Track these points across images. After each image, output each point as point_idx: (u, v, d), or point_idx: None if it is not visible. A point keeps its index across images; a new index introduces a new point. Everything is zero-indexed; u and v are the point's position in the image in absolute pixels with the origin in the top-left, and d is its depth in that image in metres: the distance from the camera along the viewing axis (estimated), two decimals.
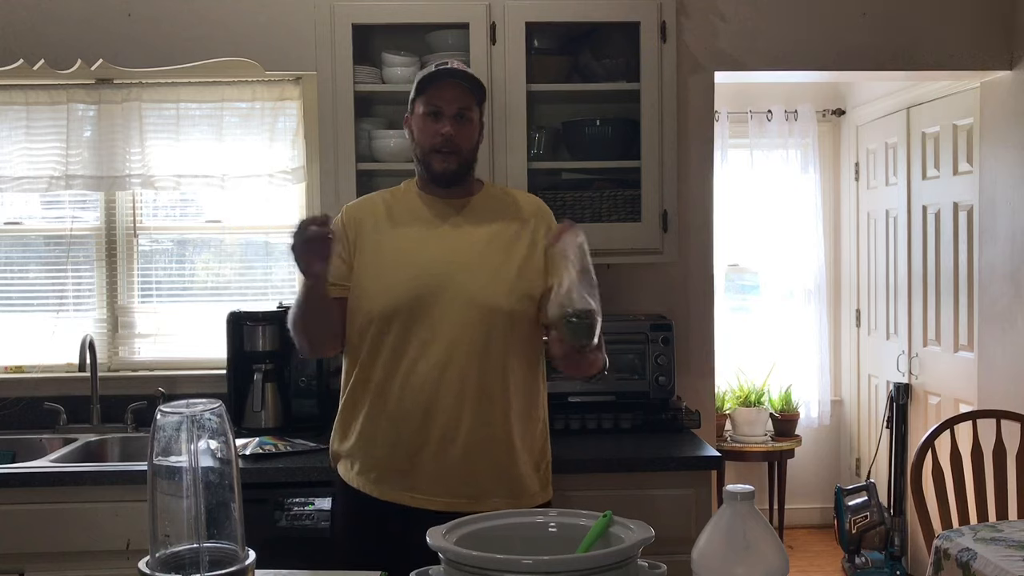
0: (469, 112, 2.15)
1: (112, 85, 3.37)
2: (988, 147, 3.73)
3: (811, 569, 4.71)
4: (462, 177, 2.20)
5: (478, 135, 2.21)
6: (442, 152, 2.13)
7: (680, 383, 3.20)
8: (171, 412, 1.38)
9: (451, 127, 2.12)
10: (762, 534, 1.27)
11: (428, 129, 2.15)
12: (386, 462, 2.11)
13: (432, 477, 2.08)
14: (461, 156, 2.15)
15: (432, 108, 2.14)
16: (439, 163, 2.15)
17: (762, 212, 5.18)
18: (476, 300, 2.08)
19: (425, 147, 2.16)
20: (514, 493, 2.11)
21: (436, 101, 2.14)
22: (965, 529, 2.69)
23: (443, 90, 2.14)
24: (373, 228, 2.19)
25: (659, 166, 3.04)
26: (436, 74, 2.15)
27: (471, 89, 2.15)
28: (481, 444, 2.09)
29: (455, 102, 2.13)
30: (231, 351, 3.15)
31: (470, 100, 2.15)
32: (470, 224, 2.18)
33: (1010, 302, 3.59)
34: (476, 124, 2.19)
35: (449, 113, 2.13)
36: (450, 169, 2.15)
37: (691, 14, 3.30)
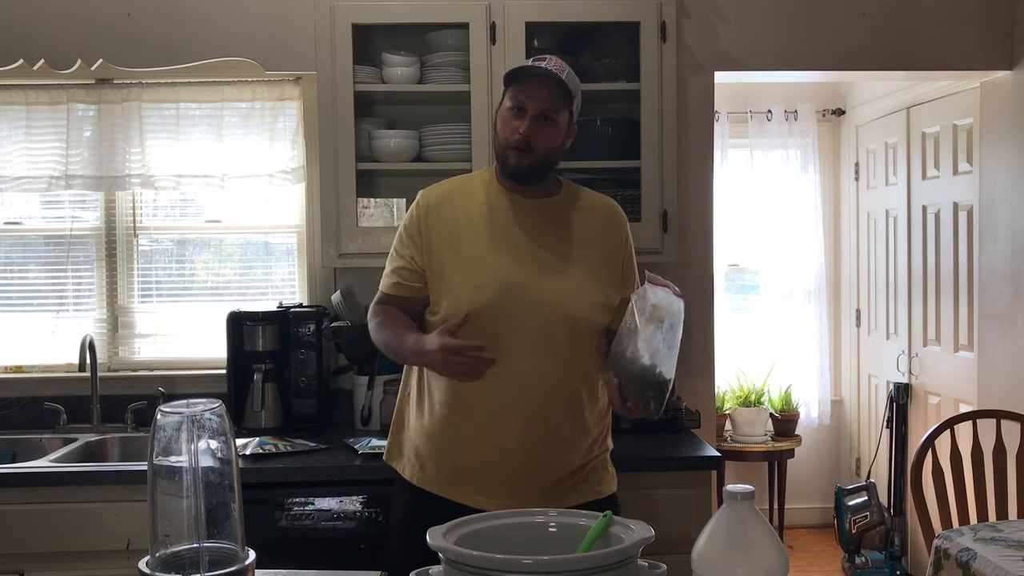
0: (554, 114, 2.09)
1: (112, 85, 3.37)
2: (988, 147, 3.73)
3: (811, 569, 4.71)
4: (537, 177, 2.15)
5: (564, 139, 2.14)
6: (518, 149, 2.09)
7: (680, 383, 3.20)
8: (171, 412, 1.38)
9: (531, 126, 2.08)
10: (762, 534, 1.27)
11: (509, 124, 2.10)
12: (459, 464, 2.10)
13: (504, 480, 2.07)
14: (537, 156, 2.10)
15: (517, 103, 2.09)
16: (513, 158, 2.10)
17: (762, 212, 5.18)
18: (558, 306, 2.06)
19: (502, 142, 2.12)
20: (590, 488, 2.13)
21: (521, 97, 2.09)
22: (965, 529, 2.69)
23: (531, 87, 2.09)
24: (453, 224, 2.14)
25: (659, 166, 3.04)
26: (526, 69, 2.11)
27: (560, 91, 2.09)
28: (556, 446, 2.08)
29: (541, 102, 2.08)
30: (231, 351, 3.15)
31: (557, 102, 2.09)
32: (554, 226, 2.15)
33: (1010, 302, 3.59)
34: (561, 127, 2.12)
35: (533, 112, 2.08)
36: (522, 166, 2.10)
37: (691, 14, 3.30)
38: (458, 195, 2.19)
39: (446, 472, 2.12)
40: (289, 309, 3.19)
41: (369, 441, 2.85)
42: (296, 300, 3.41)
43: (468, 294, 2.07)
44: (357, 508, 2.63)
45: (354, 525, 2.63)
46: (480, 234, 2.13)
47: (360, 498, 2.63)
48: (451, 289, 2.10)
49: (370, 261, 3.03)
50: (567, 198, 2.22)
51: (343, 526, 2.63)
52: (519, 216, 2.15)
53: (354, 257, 3.03)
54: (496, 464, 2.07)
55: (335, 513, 2.63)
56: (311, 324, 3.13)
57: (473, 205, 2.16)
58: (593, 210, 2.21)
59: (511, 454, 2.06)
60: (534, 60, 2.14)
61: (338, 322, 3.16)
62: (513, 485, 2.06)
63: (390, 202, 3.23)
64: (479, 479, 2.08)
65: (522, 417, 2.06)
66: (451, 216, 2.15)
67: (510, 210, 2.15)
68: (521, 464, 2.07)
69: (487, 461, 2.08)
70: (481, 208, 2.16)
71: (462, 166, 3.03)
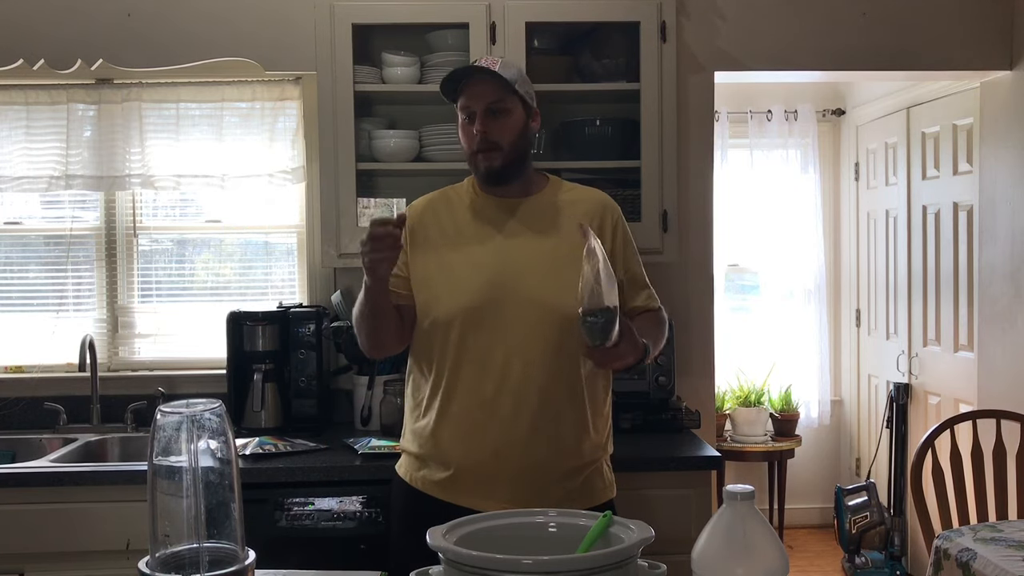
0: (502, 104, 2.09)
1: (112, 85, 3.37)
2: (988, 147, 3.73)
3: (811, 569, 4.71)
4: (513, 173, 2.13)
5: (526, 125, 2.14)
6: (482, 151, 2.09)
7: (680, 383, 3.20)
8: (171, 412, 1.38)
9: (483, 123, 2.08)
10: (762, 534, 1.27)
11: (466, 133, 2.12)
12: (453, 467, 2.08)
13: (500, 482, 2.05)
14: (502, 151, 2.10)
15: (465, 112, 2.11)
16: (482, 163, 2.10)
17: (762, 212, 5.18)
18: (544, 304, 2.05)
19: (467, 152, 2.13)
20: (584, 494, 2.10)
21: (466, 103, 2.11)
22: (965, 529, 2.69)
23: (469, 90, 2.10)
24: (437, 230, 2.15)
25: (659, 166, 3.04)
26: (454, 76, 2.12)
27: (497, 81, 2.08)
28: (552, 447, 2.07)
29: (483, 98, 2.08)
30: (231, 351, 3.15)
31: (499, 93, 2.09)
32: (535, 225, 2.14)
33: (1010, 302, 3.59)
34: (515, 115, 2.11)
35: (480, 109, 2.09)
36: (494, 167, 2.10)
37: (691, 14, 3.30)
38: (442, 203, 2.21)
39: (441, 474, 2.11)
40: (289, 309, 3.20)
41: (369, 441, 2.85)
42: (296, 300, 3.41)
43: (455, 297, 2.07)
44: (357, 508, 2.63)
45: (354, 525, 2.63)
46: (464, 237, 2.13)
47: (360, 498, 2.63)
48: (439, 294, 2.09)
49: None
50: (551, 193, 2.21)
51: (343, 526, 2.63)
52: (503, 216, 2.15)
53: (354, 257, 3.00)
54: (490, 466, 2.06)
55: (335, 513, 2.63)
56: (311, 324, 3.13)
57: (457, 210, 2.17)
58: (577, 203, 2.19)
59: (504, 455, 2.05)
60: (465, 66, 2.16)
61: (338, 322, 3.16)
62: (508, 487, 2.05)
63: (390, 202, 3.24)
64: (474, 481, 2.07)
65: (515, 417, 2.05)
66: (435, 223, 2.16)
67: (494, 211, 2.15)
68: (516, 466, 2.05)
69: (481, 462, 2.07)
70: (465, 212, 2.16)
71: (462, 166, 2.99)
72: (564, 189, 2.24)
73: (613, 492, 2.20)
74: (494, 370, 2.04)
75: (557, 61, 3.14)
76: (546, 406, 2.06)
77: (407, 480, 2.17)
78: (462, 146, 2.16)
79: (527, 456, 2.06)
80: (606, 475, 2.19)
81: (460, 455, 2.08)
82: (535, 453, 2.06)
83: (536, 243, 2.12)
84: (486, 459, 2.06)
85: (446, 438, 2.09)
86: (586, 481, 2.13)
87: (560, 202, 2.19)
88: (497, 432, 2.06)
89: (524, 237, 2.13)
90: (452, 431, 2.09)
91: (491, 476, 2.06)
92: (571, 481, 2.10)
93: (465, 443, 2.08)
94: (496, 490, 2.05)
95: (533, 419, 2.05)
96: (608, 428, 2.22)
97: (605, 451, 2.20)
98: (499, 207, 2.16)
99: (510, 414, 2.05)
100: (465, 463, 2.08)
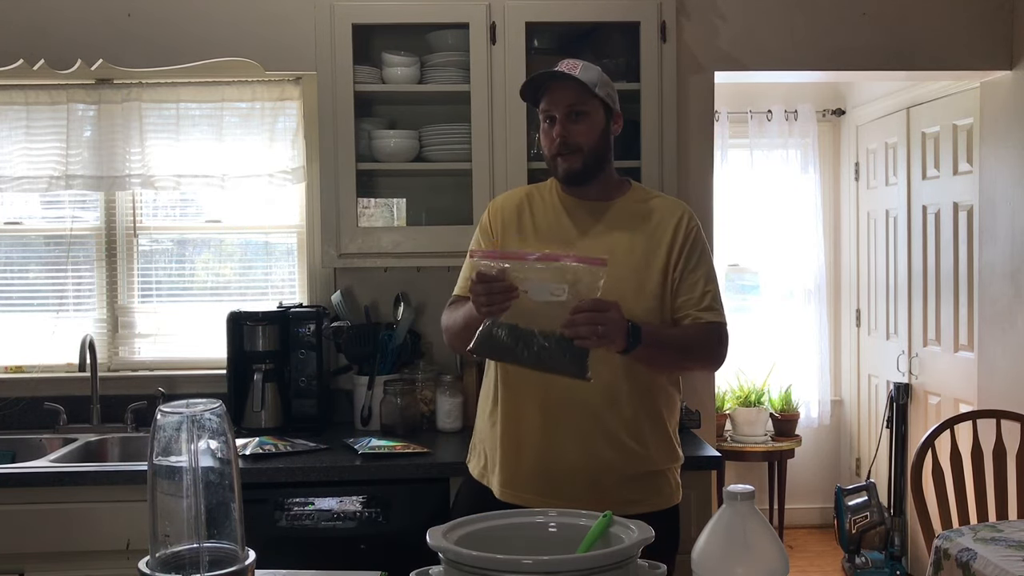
0: (583, 107, 2.11)
1: (112, 85, 3.37)
2: (988, 147, 3.73)
3: (811, 569, 4.71)
4: (592, 174, 2.15)
5: (607, 128, 2.16)
6: (562, 155, 2.12)
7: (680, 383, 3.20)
8: (171, 412, 1.38)
9: (563, 127, 2.10)
10: (762, 534, 1.27)
11: (547, 136, 2.14)
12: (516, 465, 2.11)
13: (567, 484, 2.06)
14: (584, 153, 2.12)
15: (546, 116, 2.13)
16: (562, 164, 2.13)
17: (762, 212, 5.17)
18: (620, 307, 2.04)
19: (548, 155, 2.16)
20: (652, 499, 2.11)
21: (547, 108, 2.13)
22: (965, 529, 2.69)
23: (550, 95, 2.13)
24: (517, 229, 2.18)
25: (659, 166, 3.04)
26: (536, 80, 2.14)
27: (577, 86, 2.10)
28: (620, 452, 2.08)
29: (562, 102, 2.10)
30: (231, 351, 3.15)
31: (581, 95, 2.10)
32: (612, 230, 2.15)
33: (1010, 302, 3.59)
34: (595, 118, 2.13)
35: (560, 114, 2.11)
36: (574, 169, 2.12)
37: (691, 14, 3.30)
38: (525, 200, 2.24)
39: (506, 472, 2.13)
40: (289, 309, 3.19)
41: (369, 441, 2.85)
42: (296, 300, 3.41)
43: None
44: (357, 508, 2.63)
45: (354, 525, 2.63)
46: (546, 237, 2.15)
47: (360, 498, 2.63)
48: None
49: (370, 261, 3.04)
50: (631, 199, 2.22)
51: (343, 526, 2.63)
52: (585, 217, 2.17)
53: (354, 257, 3.03)
54: (551, 466, 2.07)
55: (335, 513, 2.63)
56: (311, 324, 3.13)
57: (540, 210, 2.20)
58: (653, 210, 2.20)
59: (565, 455, 2.06)
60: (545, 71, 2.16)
61: (338, 322, 3.16)
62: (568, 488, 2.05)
63: (390, 202, 3.24)
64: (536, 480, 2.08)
65: (576, 417, 2.06)
66: (517, 219, 2.19)
67: (576, 212, 2.18)
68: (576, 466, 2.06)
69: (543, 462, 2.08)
70: (548, 212, 2.19)
71: (462, 166, 3.04)
72: (642, 195, 2.25)
73: (679, 497, 2.20)
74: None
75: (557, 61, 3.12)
76: (616, 410, 2.07)
77: (476, 477, 2.20)
78: (542, 149, 2.19)
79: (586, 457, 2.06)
80: (673, 481, 2.19)
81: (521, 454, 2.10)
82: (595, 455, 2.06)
83: (606, 246, 2.11)
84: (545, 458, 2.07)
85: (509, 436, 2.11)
86: (652, 486, 2.13)
87: (636, 208, 2.20)
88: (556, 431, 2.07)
89: (604, 240, 2.14)
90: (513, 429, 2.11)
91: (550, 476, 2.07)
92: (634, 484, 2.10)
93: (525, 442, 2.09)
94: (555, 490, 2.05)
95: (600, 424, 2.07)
96: (676, 435, 2.21)
97: (674, 458, 2.20)
98: (581, 209, 2.18)
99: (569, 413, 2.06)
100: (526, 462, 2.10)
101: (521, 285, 1.84)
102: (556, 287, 1.84)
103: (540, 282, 1.85)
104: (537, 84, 2.15)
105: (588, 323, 1.85)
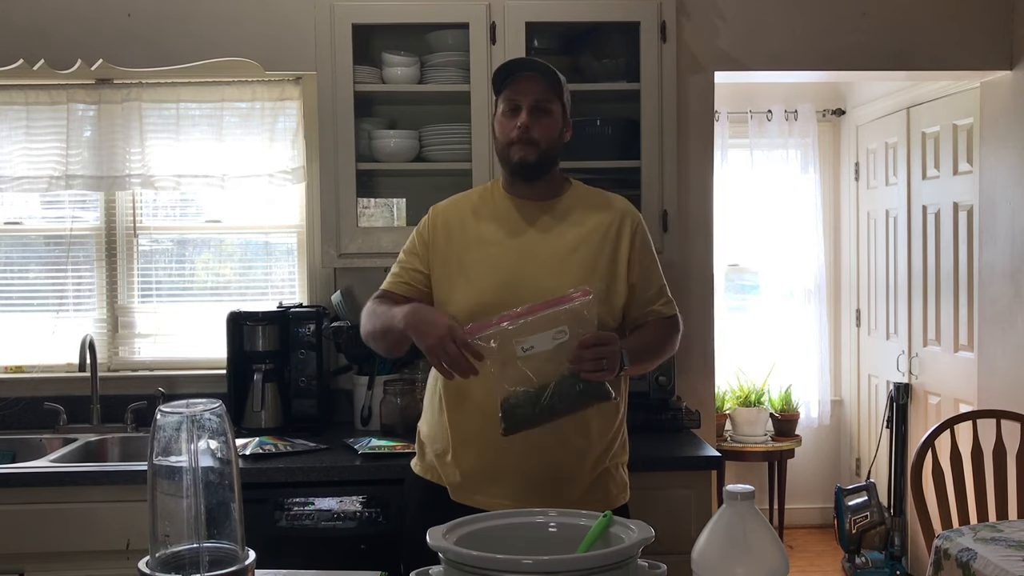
0: (548, 104, 2.11)
1: (112, 85, 3.37)
2: (988, 147, 3.73)
3: (811, 569, 4.71)
4: (543, 171, 2.15)
5: (561, 131, 2.16)
6: (519, 143, 2.10)
7: (680, 383, 3.20)
8: (171, 412, 1.38)
9: (528, 118, 2.09)
10: (762, 534, 1.27)
11: (507, 124, 2.12)
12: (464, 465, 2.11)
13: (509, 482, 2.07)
14: (540, 149, 2.11)
15: (511, 104, 2.12)
16: (517, 154, 2.11)
17: (762, 212, 5.18)
18: None
19: (502, 141, 2.13)
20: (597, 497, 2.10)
21: (514, 96, 2.11)
22: (965, 529, 2.69)
23: (520, 84, 2.11)
24: (460, 230, 2.17)
25: (659, 166, 3.04)
26: (512, 66, 2.13)
27: (550, 81, 2.11)
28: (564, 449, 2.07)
29: (533, 94, 2.10)
30: (231, 351, 3.15)
31: (549, 93, 2.11)
32: (555, 228, 2.15)
33: (1010, 302, 3.59)
34: (556, 118, 2.13)
35: (527, 104, 2.10)
36: (529, 159, 2.11)
37: (691, 14, 3.30)
38: (466, 204, 2.23)
39: (452, 471, 2.13)
40: (289, 309, 3.20)
41: (369, 441, 2.85)
42: (296, 300, 3.41)
43: (469, 295, 2.09)
44: (357, 508, 2.63)
45: (354, 525, 2.63)
46: (485, 238, 2.15)
47: (360, 498, 2.63)
48: (454, 292, 2.12)
49: (370, 261, 3.04)
50: (574, 197, 2.22)
51: (343, 526, 2.63)
52: (525, 218, 2.16)
53: (354, 257, 3.03)
54: (500, 465, 2.07)
55: (335, 513, 2.63)
56: (311, 324, 3.13)
57: (480, 212, 2.19)
58: (599, 208, 2.20)
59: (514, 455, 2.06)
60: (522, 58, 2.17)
61: (338, 322, 3.16)
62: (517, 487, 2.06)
63: (390, 202, 3.24)
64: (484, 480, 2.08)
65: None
66: (458, 224, 2.18)
67: (515, 212, 2.17)
68: (525, 466, 2.06)
69: (493, 462, 2.08)
70: (487, 214, 2.18)
71: (462, 166, 3.04)
72: (586, 194, 2.25)
73: (627, 497, 2.21)
74: None
75: (557, 61, 3.10)
76: None
77: (422, 475, 2.20)
78: (496, 138, 2.17)
79: (537, 456, 2.06)
80: (620, 479, 2.20)
81: (471, 453, 2.10)
82: (545, 453, 2.06)
83: (554, 246, 2.13)
84: (497, 458, 2.07)
85: (458, 436, 2.11)
86: (598, 484, 2.13)
87: (581, 207, 2.20)
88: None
89: (543, 239, 2.14)
90: (463, 429, 2.10)
91: (501, 475, 2.07)
92: (582, 483, 2.11)
93: (476, 442, 2.09)
94: (505, 490, 2.06)
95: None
96: (623, 432, 2.22)
97: (620, 455, 2.20)
98: (521, 209, 2.17)
99: None
100: (475, 462, 2.10)
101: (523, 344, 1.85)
102: (557, 331, 1.86)
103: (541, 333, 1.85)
104: (512, 70, 2.13)
105: (594, 358, 1.87)
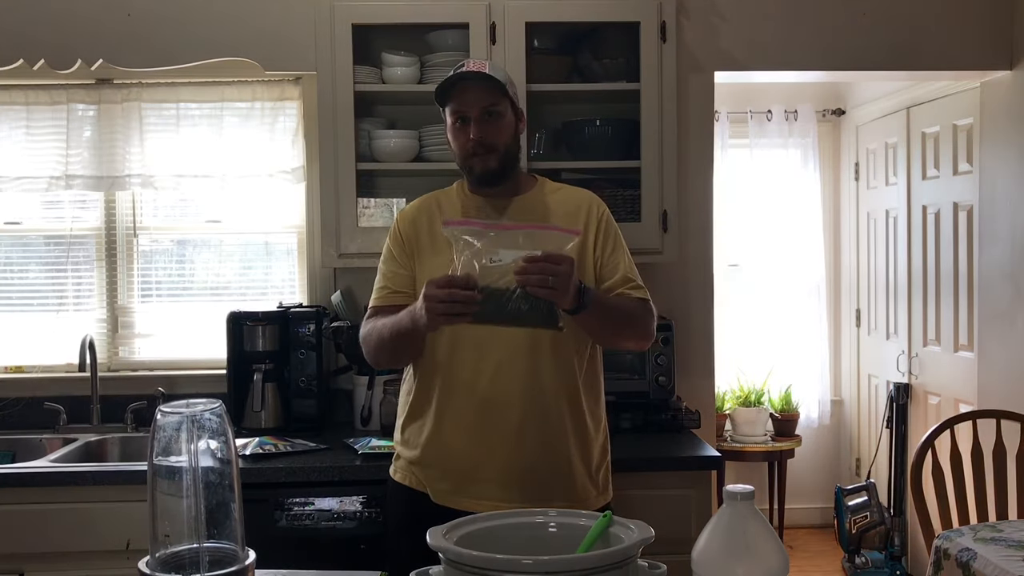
0: (496, 107, 2.12)
1: (112, 85, 3.37)
2: (988, 147, 3.73)
3: (811, 569, 4.71)
4: (507, 174, 2.17)
5: (516, 127, 2.18)
6: (478, 154, 2.12)
7: (680, 383, 3.20)
8: (171, 412, 1.38)
9: (478, 129, 2.10)
10: (762, 534, 1.27)
11: (460, 137, 2.13)
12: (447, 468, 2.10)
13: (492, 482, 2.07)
14: (499, 153, 2.13)
15: (458, 116, 2.13)
16: (479, 165, 2.13)
17: (762, 212, 5.17)
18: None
19: (461, 155, 2.15)
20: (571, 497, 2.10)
21: (459, 108, 2.12)
22: (965, 529, 2.69)
23: (462, 95, 2.12)
24: (428, 233, 2.18)
25: (659, 166, 3.04)
26: (450, 81, 2.13)
27: (491, 86, 2.12)
28: (541, 447, 2.08)
29: (477, 103, 2.11)
30: (231, 351, 3.15)
31: (494, 96, 2.12)
32: (526, 218, 2.15)
33: (1010, 302, 3.59)
34: (508, 117, 2.15)
35: (475, 114, 2.11)
36: (491, 168, 2.13)
37: (691, 14, 3.30)
38: (434, 206, 2.23)
39: (435, 475, 2.12)
40: (289, 309, 3.20)
41: (369, 441, 2.85)
42: (296, 300, 3.41)
43: None
44: (357, 508, 2.63)
45: (354, 525, 2.63)
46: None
47: (360, 498, 2.63)
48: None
49: (370, 261, 3.01)
50: (539, 192, 2.23)
51: (343, 526, 2.63)
52: (495, 208, 2.18)
53: (354, 257, 3.03)
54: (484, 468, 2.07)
55: (335, 513, 2.63)
56: (311, 324, 3.13)
57: (447, 213, 2.19)
58: (563, 201, 2.22)
59: (498, 456, 2.06)
60: (454, 70, 2.16)
61: (338, 322, 3.16)
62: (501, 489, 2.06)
63: (390, 202, 3.23)
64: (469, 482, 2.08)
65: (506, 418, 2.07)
66: (427, 228, 2.19)
67: (486, 205, 2.18)
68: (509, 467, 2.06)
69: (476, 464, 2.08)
70: (455, 215, 2.18)
71: None
72: (551, 188, 2.26)
73: (608, 497, 2.21)
74: (486, 370, 2.06)
75: (557, 61, 3.13)
76: (533, 405, 2.07)
77: (402, 481, 2.19)
78: (454, 151, 2.18)
79: (521, 458, 2.06)
80: (602, 480, 2.20)
81: (454, 457, 2.10)
82: (529, 455, 2.07)
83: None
84: (481, 461, 2.07)
85: (440, 440, 2.11)
86: (581, 485, 2.13)
87: (547, 201, 2.21)
88: (490, 433, 2.07)
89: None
90: (446, 433, 2.10)
91: (485, 478, 2.07)
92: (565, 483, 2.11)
93: (459, 445, 2.09)
94: (489, 492, 2.06)
95: (519, 418, 2.07)
96: (604, 432, 2.22)
97: (603, 457, 2.20)
98: (488, 207, 2.18)
99: (496, 414, 2.07)
100: (459, 465, 2.09)
101: (494, 256, 1.85)
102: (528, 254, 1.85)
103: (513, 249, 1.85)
104: (451, 85, 2.13)
105: (539, 272, 1.84)
